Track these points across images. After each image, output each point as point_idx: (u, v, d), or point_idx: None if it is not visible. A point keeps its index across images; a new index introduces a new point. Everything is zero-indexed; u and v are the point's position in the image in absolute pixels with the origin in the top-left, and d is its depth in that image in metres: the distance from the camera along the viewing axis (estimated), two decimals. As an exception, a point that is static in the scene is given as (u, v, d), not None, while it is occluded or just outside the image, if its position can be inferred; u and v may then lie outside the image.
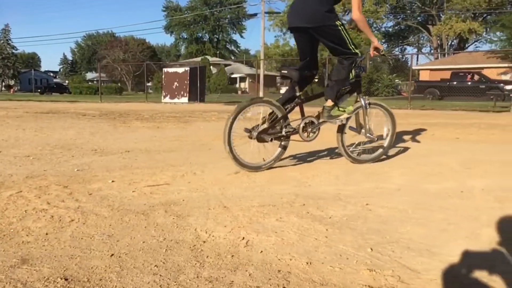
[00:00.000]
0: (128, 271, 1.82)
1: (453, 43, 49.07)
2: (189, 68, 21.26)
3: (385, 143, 4.45)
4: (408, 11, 49.72)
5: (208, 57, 54.07)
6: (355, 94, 4.24)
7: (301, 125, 4.01)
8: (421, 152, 4.99)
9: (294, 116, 4.12)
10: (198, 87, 20.90)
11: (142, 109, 14.90)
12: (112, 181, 3.41)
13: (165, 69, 22.34)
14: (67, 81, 48.83)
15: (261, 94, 28.26)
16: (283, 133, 3.96)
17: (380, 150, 4.44)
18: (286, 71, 4.03)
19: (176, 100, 20.85)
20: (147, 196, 3.02)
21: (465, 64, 38.15)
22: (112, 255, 1.98)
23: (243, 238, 2.20)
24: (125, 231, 2.30)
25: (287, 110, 4.00)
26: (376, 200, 2.92)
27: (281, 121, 3.95)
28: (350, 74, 3.97)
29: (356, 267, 1.86)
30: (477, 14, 43.87)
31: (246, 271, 1.83)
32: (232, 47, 73.38)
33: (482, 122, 9.46)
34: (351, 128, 4.29)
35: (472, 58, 38.80)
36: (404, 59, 53.56)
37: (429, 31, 47.29)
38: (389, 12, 46.73)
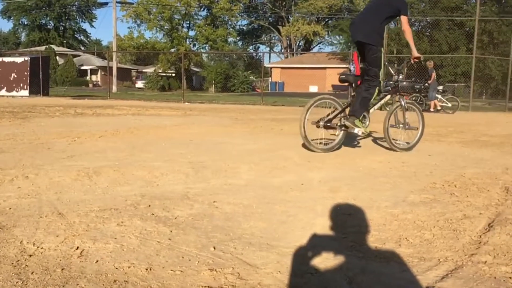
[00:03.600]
0: None
1: (300, 43, 53.02)
2: (29, 58, 19.12)
3: (416, 136, 5.27)
4: (261, 11, 52.22)
5: (54, 46, 49.43)
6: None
7: None
8: (269, 147, 5.25)
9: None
10: (41, 79, 18.95)
11: (-30, 103, 12.97)
12: None
13: (0, 58, 19.75)
14: None
15: (114, 88, 26.89)
16: (343, 122, 4.86)
17: (413, 141, 5.24)
18: (344, 76, 5.06)
19: (14, 93, 18.62)
20: (-37, 206, 2.58)
21: (311, 64, 41.62)
22: None
23: (77, 247, 2.01)
24: None
25: (346, 105, 4.90)
26: (223, 197, 2.95)
27: (342, 113, 4.87)
28: (373, 97, 4.86)
29: (198, 268, 1.83)
30: (320, 19, 48.10)
31: (77, 285, 1.66)
32: (82, 37, 68.07)
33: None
34: (391, 125, 5.11)
35: (316, 58, 42.51)
36: (257, 57, 56.17)
37: (279, 31, 50.31)
38: (243, 11, 48.43)
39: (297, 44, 51.98)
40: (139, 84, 45.78)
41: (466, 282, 1.73)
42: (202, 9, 42.38)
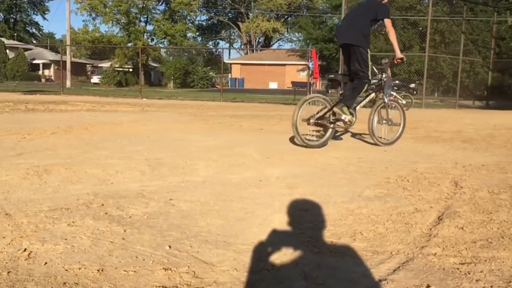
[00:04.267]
0: None
1: (260, 40, 53.13)
2: (-24, 51, 18.16)
3: (398, 131, 5.61)
4: (220, 7, 51.91)
5: (4, 39, 47.09)
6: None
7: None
8: (228, 144, 5.22)
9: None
10: (-11, 73, 18.04)
11: None
12: None
13: None
14: None
15: (68, 83, 26.01)
16: (331, 119, 5.11)
17: (395, 136, 5.57)
18: (333, 76, 5.46)
19: (-41, 87, 17.65)
20: None
21: (270, 61, 41.78)
22: None
23: (25, 249, 1.92)
24: None
25: (334, 103, 5.13)
26: (180, 195, 2.91)
27: (330, 111, 5.08)
28: (363, 90, 5.15)
29: (152, 268, 1.79)
30: (279, 15, 48.37)
31: (24, 289, 1.59)
32: (33, 30, 65.18)
33: (284, 114, 10.45)
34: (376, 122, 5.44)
35: (276, 55, 42.72)
36: (217, 53, 55.83)
37: (239, 27, 50.21)
38: (202, 6, 47.97)
39: (256, 40, 52.06)
40: (95, 79, 44.37)
41: (417, 274, 1.79)
42: (160, 3, 41.67)
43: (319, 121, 5.13)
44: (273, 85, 40.21)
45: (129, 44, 37.95)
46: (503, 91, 19.61)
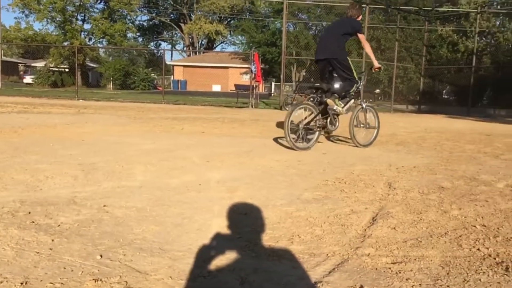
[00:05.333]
0: None
1: (203, 42, 52.81)
2: None
3: (374, 133, 6.08)
4: (162, 7, 51.00)
5: None
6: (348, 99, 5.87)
7: (328, 120, 5.64)
8: (168, 147, 5.11)
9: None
10: None
11: None
12: None
13: None
14: None
15: (-3, 83, 24.47)
16: (318, 124, 5.56)
17: (372, 138, 6.03)
18: (318, 84, 5.77)
19: None
20: None
21: (213, 63, 41.66)
22: None
23: None
24: None
25: (320, 110, 5.56)
26: (115, 201, 2.80)
27: (317, 117, 5.54)
28: (352, 88, 5.71)
29: (81, 279, 1.70)
30: (222, 18, 48.31)
31: None
32: (-41, 25, 60.96)
33: (226, 117, 10.44)
34: (355, 125, 5.82)
35: (219, 57, 42.66)
36: (159, 54, 54.81)
37: (181, 29, 49.59)
38: (143, 6, 46.89)
39: (199, 42, 51.69)
40: (28, 79, 41.94)
41: (351, 275, 1.82)
42: (98, 1, 40.25)
43: (307, 126, 5.51)
44: (216, 88, 40.12)
45: (65, 43, 36.31)
46: (433, 96, 20.80)
